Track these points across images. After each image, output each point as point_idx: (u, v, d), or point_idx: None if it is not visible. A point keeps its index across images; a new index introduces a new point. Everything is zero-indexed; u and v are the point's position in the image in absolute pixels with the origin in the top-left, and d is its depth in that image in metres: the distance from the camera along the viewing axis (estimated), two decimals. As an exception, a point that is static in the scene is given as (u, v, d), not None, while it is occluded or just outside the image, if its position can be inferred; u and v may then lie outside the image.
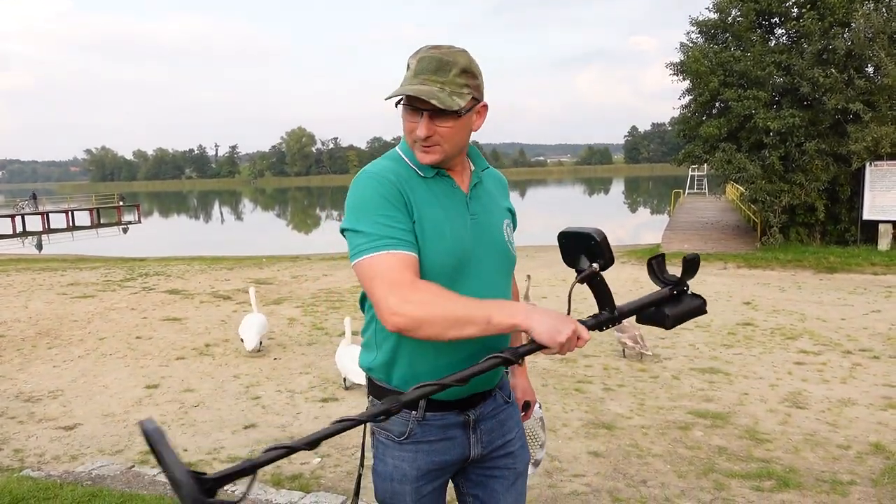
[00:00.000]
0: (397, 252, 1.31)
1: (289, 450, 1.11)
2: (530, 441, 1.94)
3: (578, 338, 1.27)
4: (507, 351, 1.28)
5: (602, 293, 1.40)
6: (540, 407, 2.00)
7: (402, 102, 1.37)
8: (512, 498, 1.64)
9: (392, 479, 1.51)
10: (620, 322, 1.42)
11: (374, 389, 1.57)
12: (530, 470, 1.92)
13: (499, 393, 1.61)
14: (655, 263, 1.48)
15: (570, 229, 1.40)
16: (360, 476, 1.55)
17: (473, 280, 1.44)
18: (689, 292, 1.48)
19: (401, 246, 1.32)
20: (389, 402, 1.20)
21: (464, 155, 1.51)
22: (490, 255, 1.49)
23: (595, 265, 1.37)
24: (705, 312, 1.48)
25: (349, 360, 5.33)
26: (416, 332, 1.28)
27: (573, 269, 1.41)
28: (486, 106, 1.45)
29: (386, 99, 1.36)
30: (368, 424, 1.48)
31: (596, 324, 1.39)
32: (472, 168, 1.55)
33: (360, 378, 5.26)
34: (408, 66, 1.38)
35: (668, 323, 1.43)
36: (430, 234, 1.38)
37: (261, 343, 6.67)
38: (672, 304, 1.45)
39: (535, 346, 1.27)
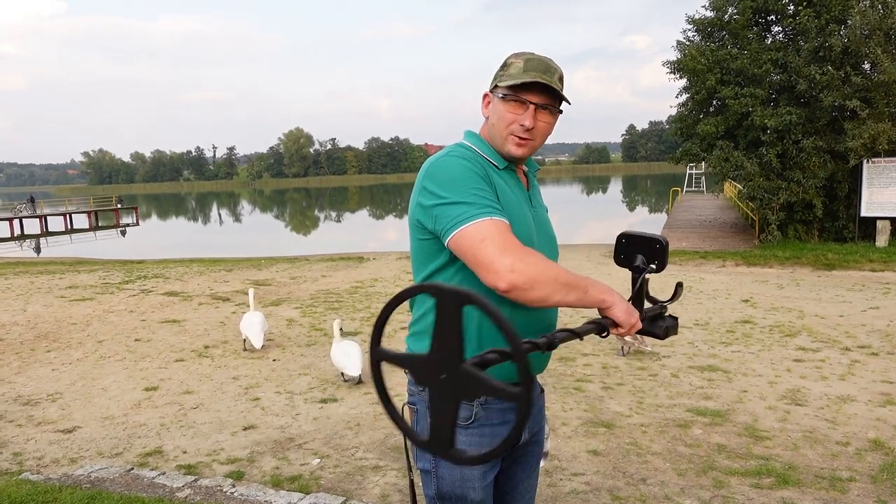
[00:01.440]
0: (501, 219, 1.37)
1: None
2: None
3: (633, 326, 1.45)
4: (595, 320, 1.43)
5: (640, 293, 1.53)
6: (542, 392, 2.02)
7: (507, 96, 1.48)
8: (529, 483, 1.72)
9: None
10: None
11: None
12: (543, 462, 1.94)
13: (537, 382, 1.71)
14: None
15: (634, 232, 1.56)
16: (412, 482, 1.59)
17: None
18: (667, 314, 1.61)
19: (501, 215, 1.39)
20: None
21: None
22: (546, 248, 1.60)
23: (653, 266, 1.52)
24: (675, 333, 1.60)
25: (342, 355, 5.42)
26: (527, 293, 1.30)
27: (623, 267, 1.57)
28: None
29: (513, 85, 1.46)
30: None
31: (648, 319, 1.53)
32: (526, 169, 1.67)
33: (355, 370, 5.34)
34: (507, 64, 1.51)
35: (662, 333, 1.55)
36: (509, 217, 1.45)
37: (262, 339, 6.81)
38: (663, 320, 1.57)
39: (611, 323, 1.44)
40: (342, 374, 5.57)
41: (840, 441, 4.09)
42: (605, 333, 1.44)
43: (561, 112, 1.56)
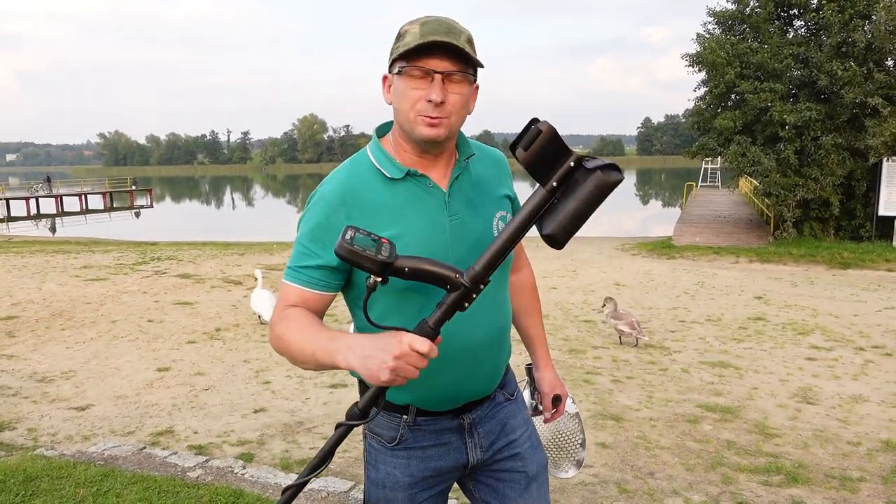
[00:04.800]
0: (296, 286, 1.33)
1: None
2: (566, 440, 1.83)
3: (418, 351, 1.07)
4: (350, 411, 1.18)
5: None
6: (574, 402, 1.83)
7: (404, 68, 1.24)
8: (528, 500, 1.50)
9: (384, 485, 1.44)
10: (476, 288, 1.13)
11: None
12: (572, 472, 1.78)
13: (499, 392, 1.50)
14: None
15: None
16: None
17: None
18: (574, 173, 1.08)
19: (302, 282, 1.32)
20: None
21: (453, 140, 1.37)
22: (476, 258, 1.29)
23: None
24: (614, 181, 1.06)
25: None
26: (284, 357, 1.31)
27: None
28: (477, 87, 1.35)
29: (399, 55, 1.24)
30: (361, 428, 1.44)
31: (442, 317, 1.12)
32: (457, 157, 1.39)
33: None
34: (402, 34, 1.26)
35: (556, 240, 1.11)
36: (406, 236, 1.28)
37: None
38: (548, 216, 1.11)
39: (375, 390, 1.14)
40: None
41: (851, 441, 4.06)
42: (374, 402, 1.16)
43: (475, 81, 1.29)
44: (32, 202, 34.27)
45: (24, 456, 3.54)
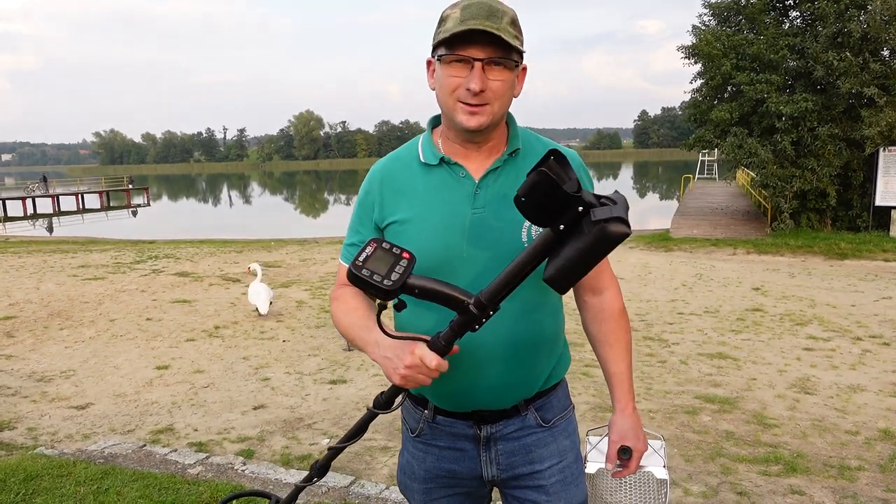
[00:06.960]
0: (345, 266, 1.39)
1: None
2: None
3: (428, 366, 1.11)
4: (376, 399, 1.24)
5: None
6: (665, 467, 1.55)
7: (443, 56, 1.22)
8: None
9: (404, 471, 1.50)
10: (485, 320, 1.11)
11: None
12: None
13: (532, 413, 1.40)
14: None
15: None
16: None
17: (463, 286, 1.16)
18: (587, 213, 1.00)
19: (349, 261, 1.37)
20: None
21: (500, 129, 1.33)
22: (493, 259, 1.27)
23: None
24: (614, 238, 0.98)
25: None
26: None
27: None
28: (525, 68, 1.31)
29: (437, 43, 1.22)
30: (400, 412, 1.48)
31: (451, 336, 1.12)
32: (505, 149, 1.34)
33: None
34: (444, 18, 1.23)
35: (555, 284, 1.05)
36: (410, 232, 1.30)
37: (270, 304, 7.52)
38: (552, 258, 1.06)
39: (393, 387, 1.20)
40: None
41: (849, 430, 4.08)
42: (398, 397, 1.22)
43: (518, 64, 1.24)
44: (29, 202, 34.16)
45: (25, 455, 3.54)
